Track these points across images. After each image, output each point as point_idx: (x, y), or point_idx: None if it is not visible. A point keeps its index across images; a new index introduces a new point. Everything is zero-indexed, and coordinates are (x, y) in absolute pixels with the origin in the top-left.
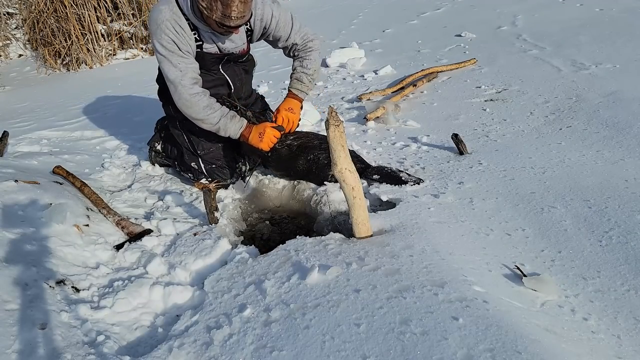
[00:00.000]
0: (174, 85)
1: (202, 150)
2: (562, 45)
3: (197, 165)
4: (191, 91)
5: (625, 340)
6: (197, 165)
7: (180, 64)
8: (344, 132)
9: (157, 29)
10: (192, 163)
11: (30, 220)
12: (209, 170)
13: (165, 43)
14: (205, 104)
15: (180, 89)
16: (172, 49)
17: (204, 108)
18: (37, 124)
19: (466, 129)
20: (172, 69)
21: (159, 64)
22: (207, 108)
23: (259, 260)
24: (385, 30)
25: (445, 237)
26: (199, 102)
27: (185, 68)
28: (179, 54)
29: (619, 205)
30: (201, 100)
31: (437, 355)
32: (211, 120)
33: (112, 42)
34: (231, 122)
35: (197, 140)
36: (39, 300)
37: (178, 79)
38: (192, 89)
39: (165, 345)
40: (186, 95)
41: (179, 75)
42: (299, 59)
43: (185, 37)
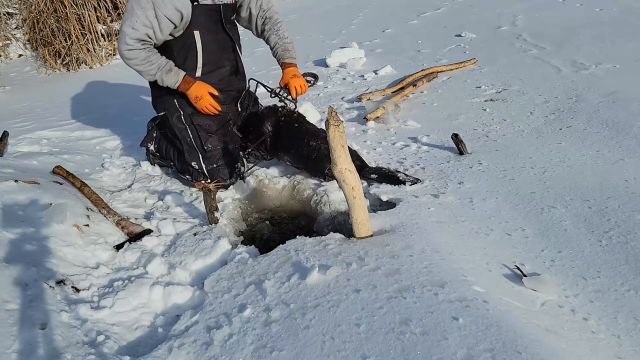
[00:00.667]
0: (120, 36)
1: (209, 146)
2: (562, 45)
3: (198, 165)
4: (130, 47)
5: (625, 340)
6: (197, 165)
7: (137, 23)
8: (344, 132)
9: None
10: (192, 162)
11: (30, 220)
12: (210, 170)
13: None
14: (143, 56)
15: (122, 42)
16: (145, 7)
17: (142, 60)
18: (37, 124)
19: (466, 129)
20: (128, 22)
21: None
22: (145, 60)
23: (259, 260)
24: (385, 30)
25: (445, 237)
26: (136, 55)
27: (138, 27)
28: (148, 14)
29: (619, 205)
30: (139, 54)
31: (437, 355)
32: (149, 72)
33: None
34: (167, 75)
35: (206, 136)
36: (39, 300)
37: (126, 32)
38: (132, 45)
39: (165, 345)
40: (124, 48)
41: (128, 31)
42: (274, 32)
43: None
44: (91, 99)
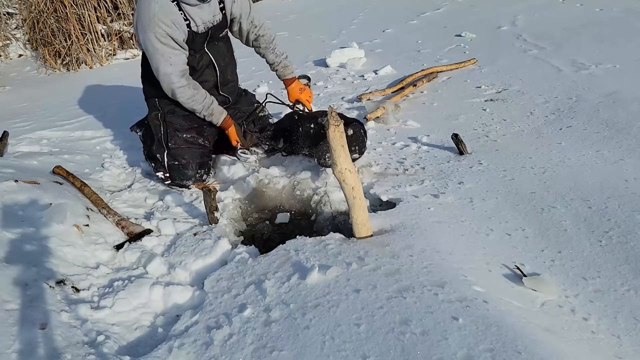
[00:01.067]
0: (165, 77)
1: (172, 143)
2: (562, 45)
3: (161, 158)
4: (178, 84)
5: (625, 340)
6: (160, 157)
7: (171, 58)
8: (344, 132)
9: (149, 22)
10: (157, 154)
11: (30, 220)
12: (170, 165)
13: (160, 36)
14: (188, 95)
15: (167, 82)
16: (166, 42)
17: (188, 98)
18: (37, 124)
19: (466, 129)
20: (162, 62)
21: (149, 58)
22: (191, 99)
23: (259, 260)
24: (385, 30)
25: (445, 237)
26: (184, 93)
27: (175, 62)
28: (172, 45)
29: (619, 205)
30: (186, 92)
31: (437, 355)
32: (196, 109)
33: (112, 42)
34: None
35: (172, 133)
36: (39, 300)
37: (168, 72)
38: (179, 82)
39: (165, 345)
40: (175, 87)
41: (168, 70)
42: (270, 50)
43: (177, 23)
44: (91, 99)
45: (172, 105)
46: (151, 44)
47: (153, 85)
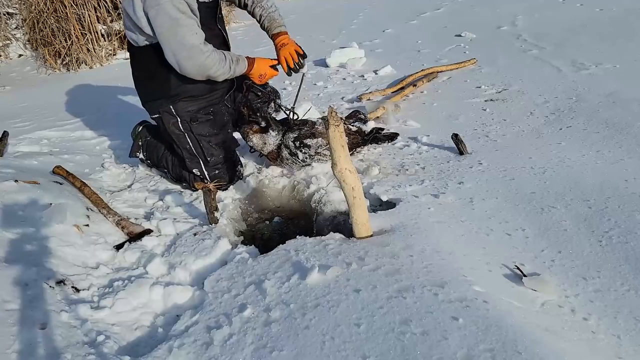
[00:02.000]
0: (192, 51)
1: (211, 157)
2: (562, 45)
3: (200, 171)
4: (207, 53)
5: (625, 340)
6: (199, 171)
7: (193, 26)
8: (344, 132)
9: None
10: (194, 169)
11: (30, 220)
12: (212, 176)
13: (177, 3)
14: (217, 59)
15: (198, 54)
16: (184, 10)
17: (219, 63)
18: (37, 124)
19: (466, 129)
20: (188, 33)
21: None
22: (221, 61)
23: (259, 260)
24: (385, 30)
25: (445, 237)
26: (214, 61)
27: (198, 30)
28: (190, 15)
29: (619, 205)
30: (215, 57)
31: (437, 355)
32: (225, 70)
33: (112, 42)
34: (238, 65)
35: (208, 147)
36: (39, 300)
37: (196, 43)
38: (207, 51)
39: (165, 345)
40: (203, 59)
41: (195, 40)
42: (258, 5)
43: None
44: (91, 99)
45: (192, 110)
46: (169, 15)
47: (163, 85)
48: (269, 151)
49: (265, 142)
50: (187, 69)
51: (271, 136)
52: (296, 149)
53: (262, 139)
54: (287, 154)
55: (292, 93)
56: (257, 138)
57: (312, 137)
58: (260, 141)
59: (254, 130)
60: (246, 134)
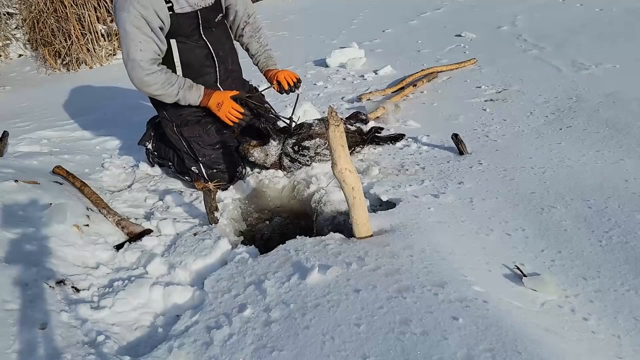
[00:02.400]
0: (134, 64)
1: (203, 157)
2: (562, 45)
3: (198, 170)
4: (148, 72)
5: (625, 340)
6: (197, 170)
7: (141, 43)
8: (344, 132)
9: (124, 2)
10: (192, 167)
11: (30, 220)
12: (210, 174)
13: (133, 18)
14: (162, 80)
15: (139, 70)
16: (138, 25)
17: (162, 84)
18: (37, 124)
19: (466, 129)
20: (132, 47)
21: (121, 40)
22: (165, 83)
23: (259, 260)
24: (385, 30)
25: (445, 237)
26: (157, 81)
27: (146, 48)
28: (145, 31)
29: (619, 205)
30: (158, 78)
31: (437, 355)
32: (171, 93)
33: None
34: (190, 92)
35: (198, 148)
36: (39, 300)
37: (138, 58)
38: (149, 69)
39: (165, 345)
40: (143, 75)
41: (138, 55)
42: (255, 39)
43: (155, 4)
44: (91, 99)
45: (182, 115)
46: (123, 26)
47: None
48: (272, 162)
49: (267, 154)
50: (131, 78)
51: (272, 146)
52: (295, 153)
53: (263, 152)
54: (287, 161)
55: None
56: (258, 152)
57: (310, 139)
58: (262, 154)
59: (253, 145)
60: (246, 151)
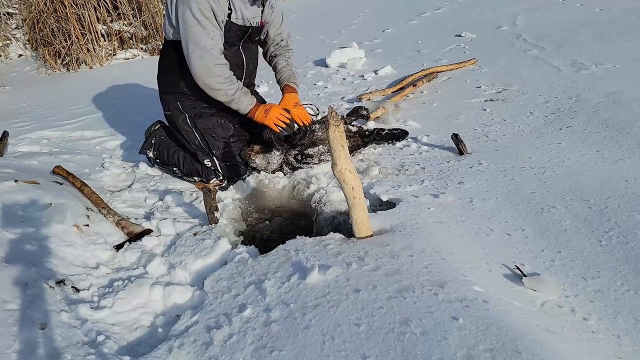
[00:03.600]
0: (203, 52)
1: (217, 150)
2: (562, 45)
3: (212, 162)
4: (217, 61)
5: (625, 340)
6: (211, 162)
7: (213, 32)
8: (344, 132)
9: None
10: (205, 160)
11: (30, 220)
12: (222, 167)
13: (204, 9)
14: (227, 75)
15: (209, 57)
16: (209, 16)
17: (225, 79)
18: (37, 124)
19: (466, 129)
20: (204, 35)
21: (186, 31)
22: (228, 80)
23: (259, 260)
24: (385, 30)
25: (445, 237)
26: (222, 73)
27: (216, 37)
28: (214, 22)
29: (619, 205)
30: (224, 71)
31: (437, 355)
32: (229, 91)
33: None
34: (245, 97)
35: (212, 140)
36: (39, 300)
37: (209, 46)
38: (219, 59)
39: (165, 345)
40: (212, 63)
41: (209, 43)
42: (284, 58)
43: (222, 4)
44: (91, 99)
45: (198, 107)
46: (192, 15)
47: (175, 81)
48: (274, 169)
49: (269, 162)
50: (195, 67)
51: (275, 155)
52: (298, 162)
53: (265, 159)
54: (288, 169)
55: None
56: (260, 159)
57: (313, 146)
58: (263, 161)
59: (256, 150)
60: (248, 156)
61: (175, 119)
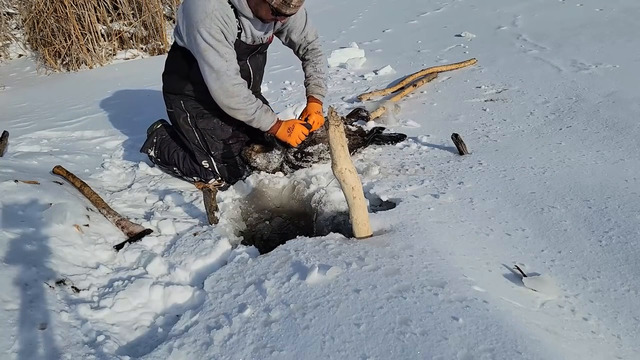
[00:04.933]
0: (219, 74)
1: (215, 151)
2: (562, 45)
3: (209, 164)
4: (234, 81)
5: (625, 340)
6: (208, 164)
7: (226, 54)
8: (344, 132)
9: (205, 17)
10: (203, 161)
11: (30, 220)
12: (220, 168)
13: (214, 32)
14: (245, 94)
15: (225, 78)
16: (220, 39)
17: (244, 99)
18: (37, 124)
19: (466, 129)
20: (218, 58)
21: (200, 54)
22: (247, 99)
23: (259, 260)
24: (385, 30)
25: (445, 237)
26: (240, 93)
27: (230, 58)
28: (225, 44)
29: (619, 205)
30: (242, 91)
31: (437, 355)
32: (249, 111)
33: (112, 42)
34: (265, 115)
35: (211, 141)
36: (39, 300)
37: (224, 68)
38: (235, 79)
39: (165, 345)
40: (229, 85)
41: (224, 65)
42: (312, 64)
43: (231, 26)
44: (91, 99)
45: (200, 108)
46: (203, 40)
47: (181, 82)
48: (274, 169)
49: (270, 161)
50: (213, 89)
51: (275, 154)
52: (298, 161)
53: (265, 158)
54: (288, 168)
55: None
56: (260, 158)
57: (313, 144)
58: (264, 160)
59: (256, 150)
60: (249, 155)
61: (176, 117)
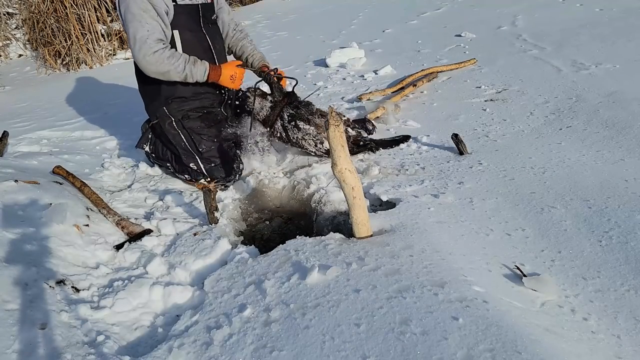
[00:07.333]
0: (139, 44)
1: (203, 149)
2: (562, 45)
3: (197, 166)
4: (155, 48)
5: (625, 340)
6: (196, 166)
7: (149, 24)
8: (344, 132)
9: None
10: (190, 164)
11: (30, 220)
12: (208, 169)
13: (140, 2)
14: (168, 54)
15: (145, 47)
16: (147, 9)
17: (168, 58)
18: (37, 124)
19: (466, 129)
20: (140, 28)
21: (126, 26)
22: (171, 57)
23: (259, 260)
24: (385, 30)
25: (445, 237)
26: (162, 55)
27: (152, 28)
28: (151, 14)
29: (619, 205)
30: (164, 53)
31: (437, 355)
32: (178, 68)
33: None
34: (195, 66)
35: (199, 139)
36: (39, 300)
37: (144, 37)
38: (156, 46)
39: (165, 345)
40: (150, 52)
41: (145, 34)
42: (248, 41)
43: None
44: (91, 99)
45: (184, 109)
46: (130, 10)
47: (156, 90)
48: (264, 117)
49: (263, 107)
50: (138, 60)
51: (269, 102)
52: (288, 123)
53: (260, 104)
54: (280, 126)
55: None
56: (257, 102)
57: (307, 122)
58: (258, 105)
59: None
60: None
61: (162, 124)
